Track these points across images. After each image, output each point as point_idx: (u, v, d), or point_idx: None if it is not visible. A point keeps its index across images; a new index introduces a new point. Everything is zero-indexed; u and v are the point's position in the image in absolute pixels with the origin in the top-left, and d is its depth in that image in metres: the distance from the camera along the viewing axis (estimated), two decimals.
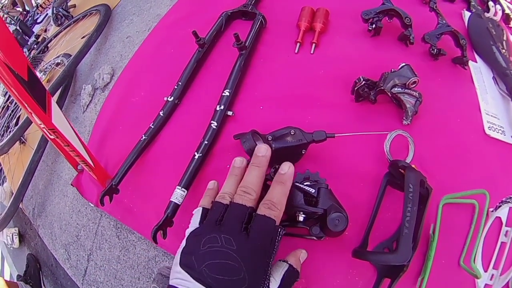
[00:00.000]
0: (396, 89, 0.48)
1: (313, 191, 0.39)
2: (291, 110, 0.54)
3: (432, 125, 0.52)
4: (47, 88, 0.44)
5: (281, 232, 0.35)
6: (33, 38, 1.43)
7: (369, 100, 0.52)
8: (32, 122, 0.77)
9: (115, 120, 0.65)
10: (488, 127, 0.54)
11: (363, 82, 0.49)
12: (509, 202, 0.47)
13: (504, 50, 0.60)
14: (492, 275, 0.45)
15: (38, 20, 1.65)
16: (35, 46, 1.32)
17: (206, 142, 0.50)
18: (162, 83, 0.62)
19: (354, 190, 0.47)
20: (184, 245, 0.36)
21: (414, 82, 0.48)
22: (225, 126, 0.54)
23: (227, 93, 0.53)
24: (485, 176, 0.50)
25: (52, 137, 0.49)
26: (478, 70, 0.60)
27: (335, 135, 0.45)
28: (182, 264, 0.34)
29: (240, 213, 0.35)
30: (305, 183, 0.41)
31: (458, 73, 0.59)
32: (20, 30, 1.50)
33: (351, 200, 0.45)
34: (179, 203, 0.47)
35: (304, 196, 0.38)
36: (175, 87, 0.58)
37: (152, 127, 0.55)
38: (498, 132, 0.54)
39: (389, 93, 0.48)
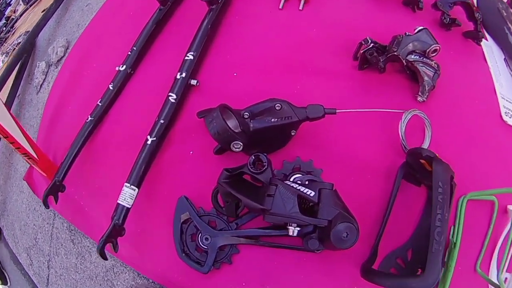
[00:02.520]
0: (413, 56, 0.43)
1: (313, 194, 0.27)
2: (275, 78, 0.46)
3: (447, 105, 0.47)
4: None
5: None
6: (3, 21, 1.36)
7: (376, 68, 0.45)
8: None
9: (65, 100, 0.56)
10: (505, 112, 0.51)
11: (371, 44, 0.42)
12: None
13: None
14: (506, 278, 0.43)
15: (12, 3, 1.56)
16: (4, 28, 1.24)
17: (162, 121, 0.40)
18: (118, 51, 0.53)
19: (358, 184, 0.40)
20: None
21: (435, 50, 0.44)
22: (188, 100, 0.45)
23: (191, 57, 0.43)
24: (504, 168, 0.45)
25: None
26: (490, 49, 0.56)
27: (337, 111, 0.35)
28: None
29: None
30: (295, 176, 0.30)
31: (471, 49, 0.53)
32: None
33: (355, 197, 0.37)
34: (129, 206, 0.38)
35: (299, 200, 0.27)
36: (129, 53, 0.49)
37: (100, 104, 0.46)
38: None
39: (404, 61, 0.43)
